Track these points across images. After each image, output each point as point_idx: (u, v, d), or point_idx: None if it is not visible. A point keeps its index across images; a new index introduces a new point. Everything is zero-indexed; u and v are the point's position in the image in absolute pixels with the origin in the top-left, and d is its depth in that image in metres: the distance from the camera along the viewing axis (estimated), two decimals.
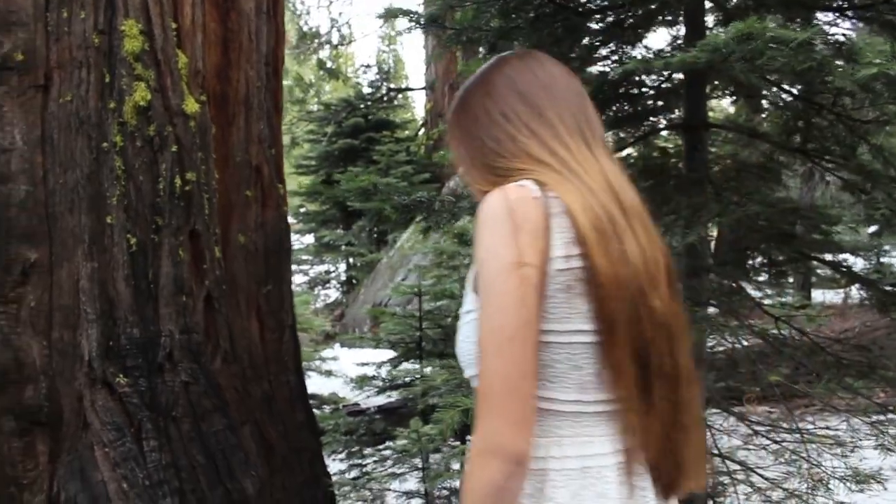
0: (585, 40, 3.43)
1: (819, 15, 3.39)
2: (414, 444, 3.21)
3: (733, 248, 3.94)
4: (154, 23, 2.63)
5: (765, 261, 4.16)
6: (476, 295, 1.21)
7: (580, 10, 2.96)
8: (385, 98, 15.44)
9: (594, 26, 3.19)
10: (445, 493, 3.73)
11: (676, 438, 1.24)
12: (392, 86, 17.63)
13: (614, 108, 3.80)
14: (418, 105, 21.41)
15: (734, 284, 3.80)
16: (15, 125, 2.59)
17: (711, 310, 3.49)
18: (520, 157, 1.27)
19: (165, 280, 2.62)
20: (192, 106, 2.70)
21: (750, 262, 4.11)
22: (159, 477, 2.51)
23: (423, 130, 15.11)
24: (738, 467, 3.66)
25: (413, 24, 2.77)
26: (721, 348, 4.15)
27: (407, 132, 15.54)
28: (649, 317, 1.20)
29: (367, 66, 19.81)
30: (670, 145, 4.38)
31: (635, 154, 4.06)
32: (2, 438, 2.52)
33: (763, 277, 4.47)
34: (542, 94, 1.33)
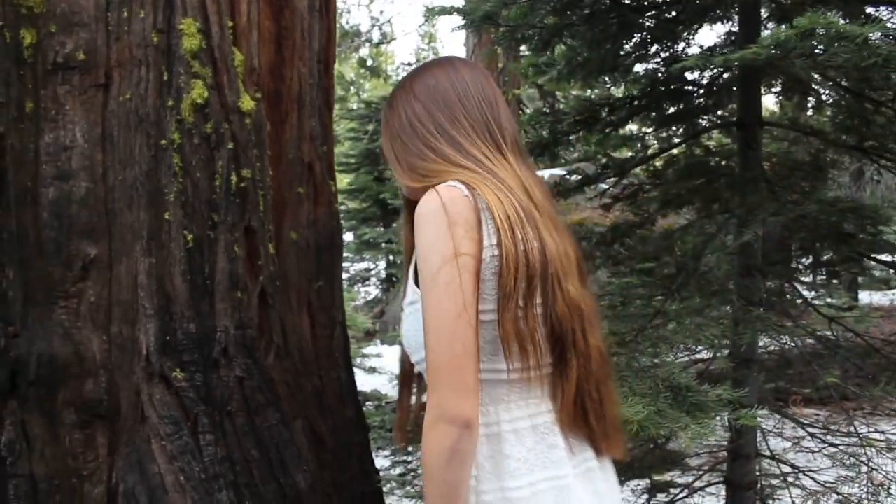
0: (637, 37, 3.40)
1: (871, 9, 3.32)
2: None
3: (779, 247, 3.89)
4: (211, 21, 2.66)
5: (815, 261, 4.09)
6: (417, 287, 1.38)
7: (635, 6, 2.93)
8: None
9: (647, 23, 3.16)
10: None
11: (588, 407, 1.43)
12: None
13: (664, 106, 3.77)
14: None
15: (786, 284, 3.74)
16: (76, 123, 2.64)
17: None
18: (439, 161, 1.45)
19: (221, 276, 2.65)
20: (247, 103, 2.73)
21: (800, 261, 4.05)
22: (215, 471, 2.54)
23: None
24: (789, 469, 3.61)
25: (466, 21, 2.77)
26: (771, 349, 4.09)
27: None
28: (563, 299, 1.39)
29: (409, 65, 19.86)
30: (713, 143, 4.33)
31: (682, 152, 4.01)
32: (63, 430, 2.57)
33: (809, 278, 4.39)
34: (457, 102, 1.50)
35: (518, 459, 1.37)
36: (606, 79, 3.93)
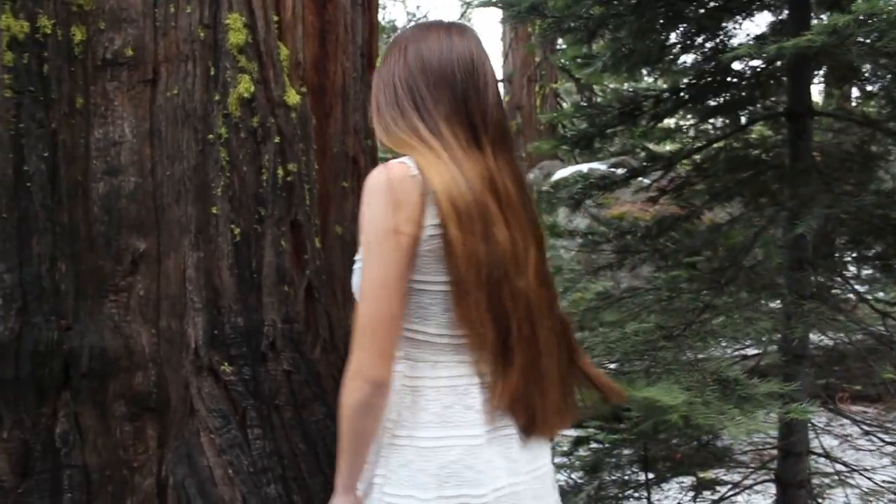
0: (683, 27, 3.34)
1: None
2: None
3: (825, 240, 3.81)
4: (257, 16, 2.66)
5: (867, 254, 3.99)
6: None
7: None
8: None
9: (694, 12, 3.10)
10: None
11: (531, 393, 1.50)
12: None
13: (709, 97, 3.70)
14: None
15: (836, 278, 3.66)
16: (125, 119, 2.66)
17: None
18: (407, 132, 1.49)
19: (268, 270, 2.65)
20: (293, 97, 2.73)
21: (846, 255, 3.95)
22: (263, 464, 2.55)
23: None
24: (842, 467, 3.53)
25: (511, 13, 2.74)
26: (821, 344, 4.00)
27: None
28: (510, 292, 1.45)
29: None
30: (754, 136, 4.24)
31: (728, 144, 3.94)
32: (114, 423, 2.60)
33: (857, 271, 4.29)
34: (444, 80, 1.50)
35: (433, 413, 1.48)
36: (648, 71, 3.87)
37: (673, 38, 3.49)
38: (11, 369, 2.48)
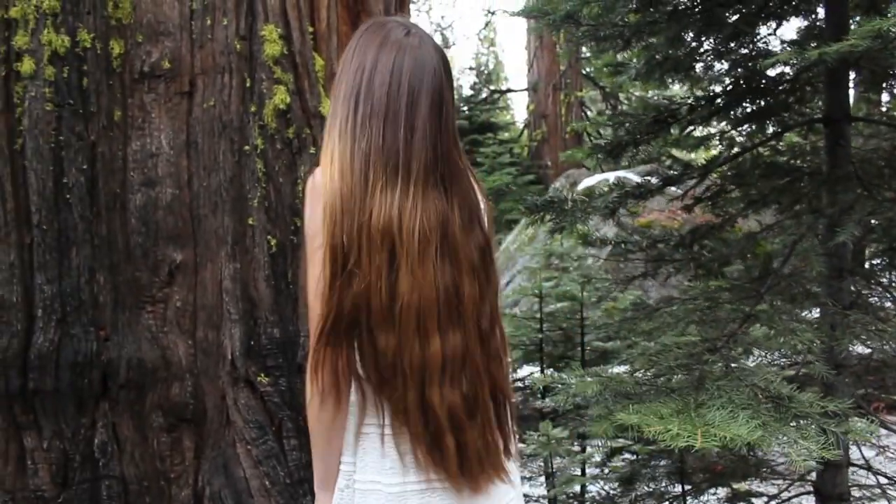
0: (719, 34, 3.30)
1: None
2: (544, 448, 3.17)
3: (858, 248, 3.74)
4: (292, 27, 2.67)
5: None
6: None
7: (720, 2, 2.85)
8: (487, 100, 15.46)
9: (731, 18, 3.06)
10: (570, 499, 3.67)
11: (444, 448, 1.40)
12: (493, 87, 17.65)
13: (744, 104, 3.66)
14: (518, 107, 21.36)
15: (878, 287, 3.59)
16: (162, 131, 2.68)
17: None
18: (326, 151, 1.40)
19: (304, 281, 2.65)
20: (328, 108, 2.73)
21: (877, 262, 3.88)
22: (300, 475, 2.54)
23: (525, 132, 15.05)
24: (884, 480, 3.46)
25: (548, 21, 2.72)
26: (859, 353, 3.94)
27: (508, 134, 15.52)
28: (408, 349, 1.35)
29: (471, 69, 19.86)
30: (783, 144, 4.18)
31: (763, 151, 3.89)
32: (151, 433, 2.60)
33: (889, 279, 4.21)
34: (381, 110, 1.38)
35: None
36: (680, 78, 3.84)
37: (706, 45, 3.46)
38: (51, 380, 2.49)
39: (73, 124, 2.54)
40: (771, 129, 3.70)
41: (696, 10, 2.85)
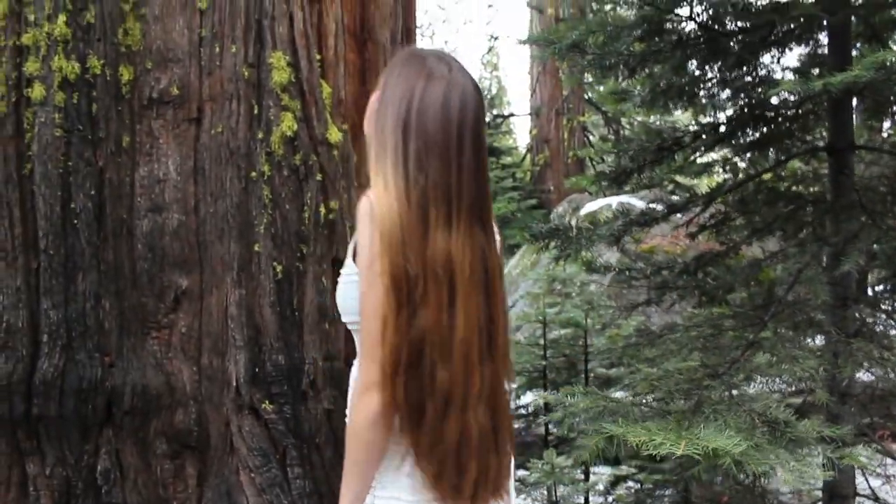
0: (722, 62, 3.33)
1: None
2: (547, 476, 3.15)
3: (862, 276, 3.74)
4: (300, 55, 2.69)
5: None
6: (354, 263, 1.50)
7: (724, 31, 2.87)
8: (490, 125, 15.55)
9: (735, 47, 3.09)
10: None
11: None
12: (496, 112, 17.75)
13: (748, 132, 3.68)
14: (520, 131, 21.46)
15: (882, 314, 3.59)
16: (169, 156, 2.69)
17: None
18: (379, 178, 1.45)
19: (310, 307, 2.65)
20: (335, 135, 2.75)
21: (886, 289, 3.88)
22: (303, 503, 2.53)
23: (528, 157, 15.11)
24: None
25: (554, 50, 2.75)
26: (863, 381, 3.93)
27: (511, 158, 15.58)
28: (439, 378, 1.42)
29: None
30: (785, 172, 4.20)
31: (767, 179, 3.91)
32: (155, 460, 2.59)
33: (892, 306, 4.21)
34: (436, 147, 1.43)
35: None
36: (684, 106, 3.86)
37: (710, 73, 3.49)
38: (55, 406, 2.49)
39: (81, 150, 2.55)
40: (774, 157, 3.72)
41: (701, 38, 2.88)
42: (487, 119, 16.26)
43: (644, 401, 2.85)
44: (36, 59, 2.55)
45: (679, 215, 3.88)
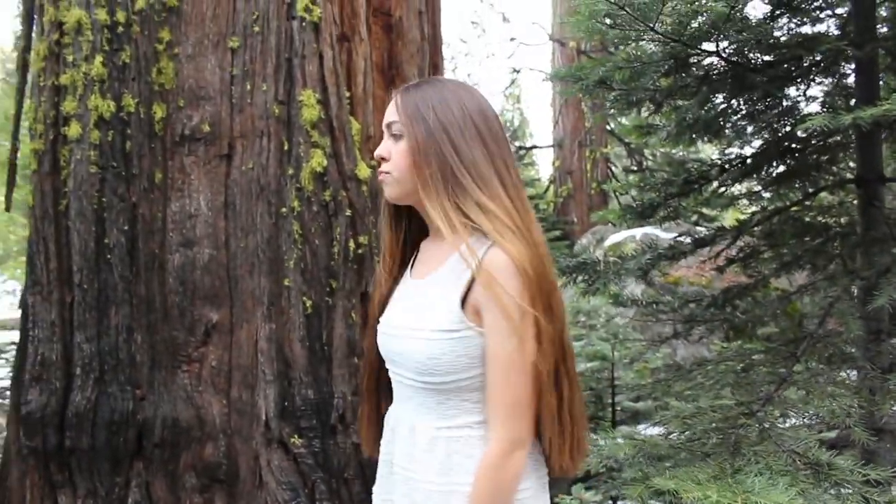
0: (749, 96, 3.33)
1: None
2: None
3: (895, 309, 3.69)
4: (330, 92, 2.73)
5: None
6: (463, 315, 1.41)
7: (750, 66, 2.88)
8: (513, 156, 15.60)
9: (761, 80, 3.09)
10: None
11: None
12: (519, 144, 17.82)
13: (775, 164, 3.67)
14: (543, 163, 21.48)
15: None
16: (201, 192, 2.73)
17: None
18: (495, 211, 1.42)
19: (339, 342, 2.66)
20: (364, 171, 2.77)
21: None
22: None
23: (551, 188, 15.12)
24: None
25: (581, 86, 2.76)
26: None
27: (534, 190, 15.59)
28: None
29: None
30: (820, 203, 4.16)
31: (794, 212, 3.88)
32: (184, 494, 2.60)
33: None
34: (504, 138, 1.46)
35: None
36: (710, 139, 3.86)
37: (736, 106, 3.48)
38: (87, 438, 2.51)
39: (115, 186, 2.60)
40: (802, 189, 3.69)
41: (727, 73, 2.88)
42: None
43: (679, 440, 2.81)
44: (73, 99, 2.61)
45: (706, 248, 3.86)
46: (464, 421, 1.45)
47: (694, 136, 3.56)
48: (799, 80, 3.48)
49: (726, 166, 3.49)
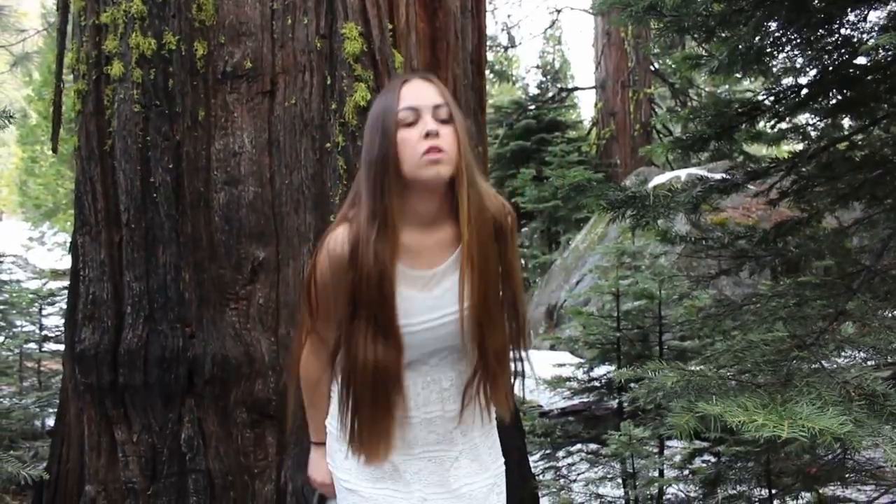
0: (805, 20, 3.19)
1: None
2: (625, 447, 3.11)
3: None
4: (372, 24, 2.67)
5: None
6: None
7: None
8: (554, 98, 15.34)
9: (819, 4, 2.95)
10: (648, 501, 3.59)
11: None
12: (560, 86, 17.52)
13: (831, 94, 3.53)
14: (585, 105, 21.08)
15: None
16: (244, 130, 2.71)
17: None
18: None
19: None
20: None
21: None
22: None
23: (593, 131, 14.87)
24: None
25: (629, 13, 2.66)
26: None
27: (576, 132, 15.36)
28: None
29: (537, 67, 19.73)
30: (870, 134, 4.01)
31: (851, 144, 3.74)
32: (236, 429, 2.64)
33: None
34: None
35: None
36: (763, 70, 3.72)
37: (790, 34, 3.34)
38: (140, 375, 2.55)
39: (159, 125, 2.59)
40: (859, 121, 3.56)
41: None
42: (552, 93, 16.07)
43: (729, 374, 2.76)
44: (114, 37, 2.59)
45: (754, 185, 3.76)
46: None
47: (745, 66, 3.43)
48: (859, 4, 3.32)
49: (780, 97, 3.36)
